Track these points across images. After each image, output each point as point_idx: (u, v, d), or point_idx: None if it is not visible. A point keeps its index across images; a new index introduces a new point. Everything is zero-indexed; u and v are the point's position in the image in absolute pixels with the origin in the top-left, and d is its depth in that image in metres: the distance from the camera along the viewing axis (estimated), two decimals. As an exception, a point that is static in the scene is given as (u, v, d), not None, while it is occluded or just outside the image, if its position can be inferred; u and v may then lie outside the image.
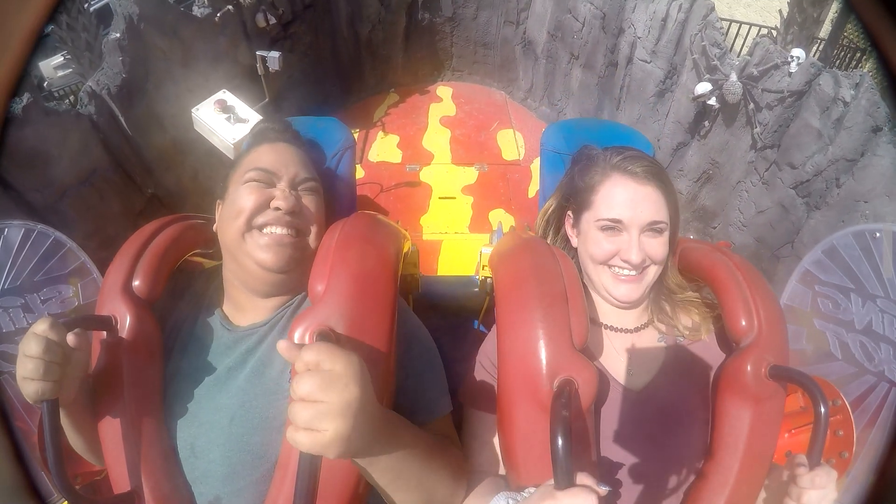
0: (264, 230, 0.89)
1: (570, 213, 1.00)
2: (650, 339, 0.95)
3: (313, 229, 0.94)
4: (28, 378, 0.70)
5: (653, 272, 0.91)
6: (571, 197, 0.99)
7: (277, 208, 0.89)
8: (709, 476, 0.82)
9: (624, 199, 0.89)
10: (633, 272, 0.90)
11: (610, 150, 0.96)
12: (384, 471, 0.72)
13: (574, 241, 0.99)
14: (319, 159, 1.18)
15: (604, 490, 0.63)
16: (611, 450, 0.86)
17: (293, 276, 0.92)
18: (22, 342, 0.72)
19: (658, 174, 0.90)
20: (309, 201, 0.95)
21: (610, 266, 0.91)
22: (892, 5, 0.33)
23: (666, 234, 0.90)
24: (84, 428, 0.85)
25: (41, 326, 0.72)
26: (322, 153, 1.19)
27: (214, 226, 0.99)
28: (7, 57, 0.34)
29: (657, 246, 0.89)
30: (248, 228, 0.89)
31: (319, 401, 0.58)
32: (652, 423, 0.87)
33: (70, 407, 0.81)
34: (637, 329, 0.95)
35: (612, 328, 0.95)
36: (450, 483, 0.82)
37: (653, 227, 0.88)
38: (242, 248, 0.89)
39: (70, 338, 0.75)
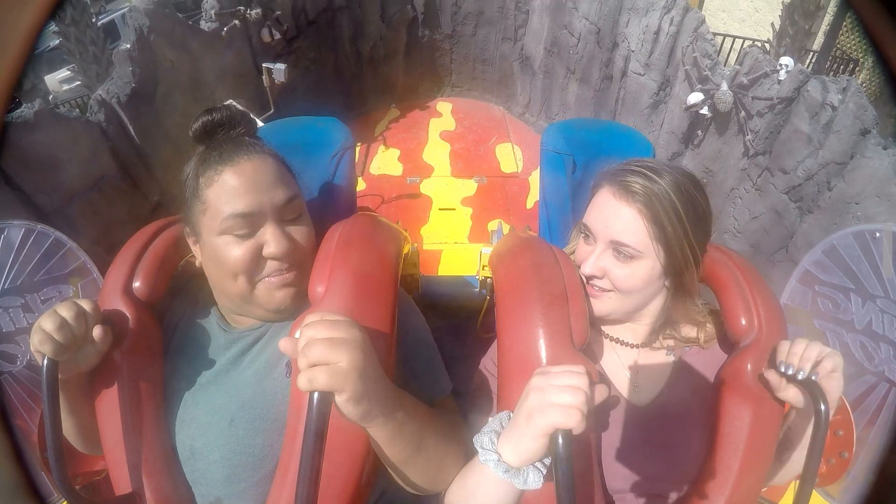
0: (266, 279, 0.85)
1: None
2: (657, 354, 0.93)
3: (310, 256, 0.88)
4: (42, 329, 0.72)
5: (615, 299, 0.86)
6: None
7: (273, 257, 0.83)
8: (709, 476, 0.82)
9: (599, 210, 0.87)
10: (596, 286, 0.87)
11: (628, 161, 0.92)
12: (407, 443, 0.71)
13: None
14: (319, 160, 1.15)
15: (593, 369, 0.61)
16: (613, 463, 0.85)
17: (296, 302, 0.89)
18: (59, 304, 0.75)
19: (650, 198, 0.81)
20: (299, 233, 0.87)
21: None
22: (892, 5, 0.32)
23: (639, 264, 0.83)
24: (75, 410, 0.85)
25: (85, 301, 0.76)
26: (324, 153, 1.18)
27: (198, 262, 0.90)
28: (7, 56, 0.34)
29: (620, 274, 0.84)
30: (252, 285, 0.84)
31: (329, 362, 0.59)
32: (655, 438, 0.87)
33: (64, 385, 0.79)
34: (643, 344, 0.93)
35: (617, 341, 0.94)
36: (463, 460, 0.82)
37: (617, 248, 0.84)
38: (250, 300, 0.86)
39: (97, 331, 0.76)
